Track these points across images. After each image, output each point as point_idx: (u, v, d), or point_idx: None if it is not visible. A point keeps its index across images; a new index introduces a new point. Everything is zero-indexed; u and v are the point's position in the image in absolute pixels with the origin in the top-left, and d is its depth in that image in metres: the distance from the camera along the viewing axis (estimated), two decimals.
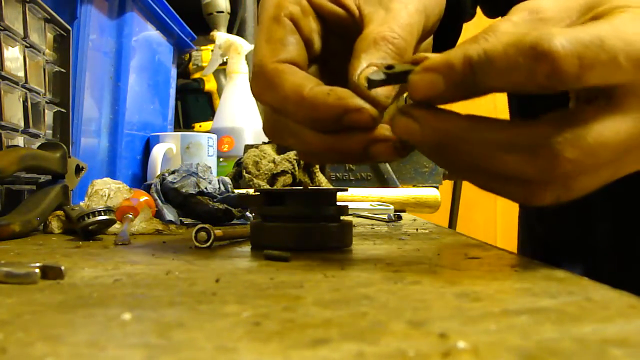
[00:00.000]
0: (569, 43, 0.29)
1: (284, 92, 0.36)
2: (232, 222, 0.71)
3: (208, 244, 0.45)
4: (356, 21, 0.40)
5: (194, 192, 0.69)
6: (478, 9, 0.61)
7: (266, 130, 0.41)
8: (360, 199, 1.03)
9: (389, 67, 0.35)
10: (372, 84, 0.35)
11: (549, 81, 0.29)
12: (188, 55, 1.63)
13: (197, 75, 1.71)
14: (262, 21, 0.40)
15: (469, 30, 0.52)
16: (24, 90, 0.66)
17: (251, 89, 0.39)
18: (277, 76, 0.37)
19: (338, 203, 0.45)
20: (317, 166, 1.25)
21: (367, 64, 0.36)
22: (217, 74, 1.63)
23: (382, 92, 0.36)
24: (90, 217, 0.51)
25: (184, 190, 0.69)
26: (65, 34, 0.76)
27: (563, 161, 0.29)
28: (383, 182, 1.29)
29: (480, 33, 0.32)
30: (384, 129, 0.36)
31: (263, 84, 0.37)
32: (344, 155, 0.37)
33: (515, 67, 0.29)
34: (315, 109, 0.35)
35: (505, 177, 0.32)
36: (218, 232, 0.46)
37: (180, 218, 0.70)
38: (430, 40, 0.46)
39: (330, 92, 0.35)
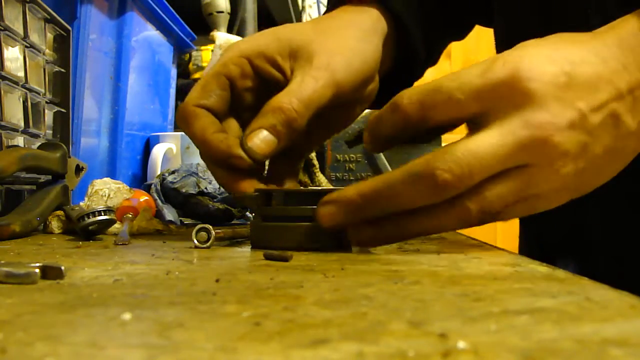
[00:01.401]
0: (413, 94, 0.38)
1: (194, 130, 0.47)
2: (232, 222, 0.71)
3: (208, 244, 0.45)
4: (287, 79, 0.48)
5: (194, 192, 0.69)
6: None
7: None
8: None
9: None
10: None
11: (404, 125, 0.39)
12: (188, 55, 1.63)
13: (197, 75, 1.71)
14: (207, 73, 0.51)
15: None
16: (24, 90, 0.66)
17: (177, 117, 0.50)
18: (191, 116, 0.47)
19: None
20: (317, 166, 1.25)
21: (258, 127, 0.45)
22: None
23: (259, 150, 0.45)
24: (90, 217, 0.51)
25: (184, 190, 0.69)
26: (65, 34, 0.76)
27: (440, 176, 0.36)
28: None
29: None
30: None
31: (181, 119, 0.48)
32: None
33: (382, 120, 0.41)
34: (210, 149, 0.46)
35: (419, 210, 0.38)
36: (218, 232, 0.46)
37: (180, 218, 0.70)
38: (375, 84, 0.53)
39: (223, 140, 0.46)
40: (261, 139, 0.45)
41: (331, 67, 0.47)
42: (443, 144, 0.42)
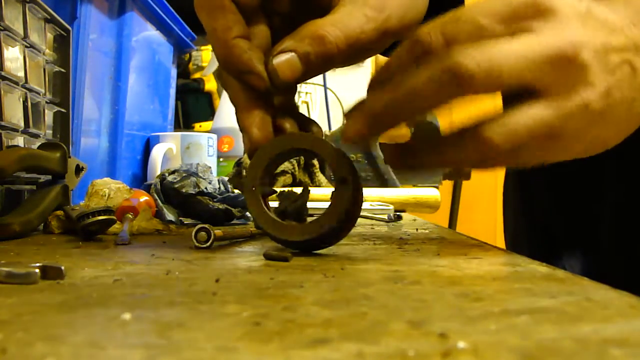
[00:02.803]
0: (432, 26, 0.36)
1: (215, 26, 0.40)
2: (232, 222, 0.71)
3: (208, 244, 0.45)
4: None
5: (194, 192, 0.69)
6: None
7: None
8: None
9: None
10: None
11: (426, 60, 0.35)
12: (188, 55, 1.63)
13: (197, 75, 1.71)
14: None
15: None
16: (24, 90, 0.66)
17: (196, 1, 0.42)
18: (217, 7, 0.40)
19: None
20: (317, 166, 1.25)
21: (290, 48, 0.39)
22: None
23: (282, 75, 0.40)
24: (90, 217, 0.51)
25: (184, 190, 0.69)
26: (65, 34, 0.76)
27: (462, 67, 0.34)
28: (383, 182, 1.29)
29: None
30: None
31: (204, 7, 0.41)
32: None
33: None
34: (230, 56, 0.40)
35: (445, 140, 0.37)
36: (218, 232, 0.46)
37: (180, 218, 0.70)
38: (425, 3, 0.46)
39: (247, 51, 0.40)
40: (289, 63, 0.39)
41: (386, 12, 0.41)
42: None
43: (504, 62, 0.34)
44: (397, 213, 0.81)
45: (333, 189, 0.40)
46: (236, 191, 0.73)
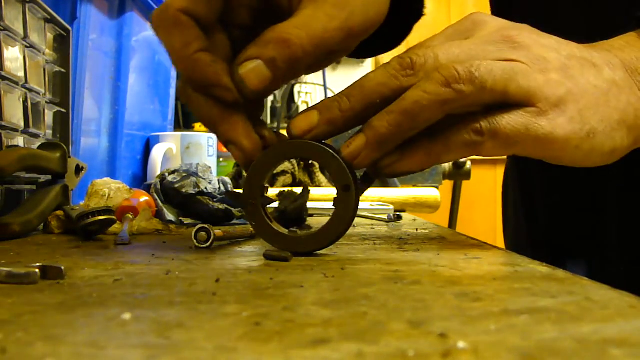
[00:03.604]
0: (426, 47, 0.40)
1: (174, 43, 0.39)
2: (232, 222, 0.71)
3: (208, 244, 0.45)
4: (291, 6, 0.41)
5: (194, 192, 0.69)
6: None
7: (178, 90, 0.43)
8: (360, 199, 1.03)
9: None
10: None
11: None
12: None
13: None
14: None
15: None
16: (24, 90, 0.66)
17: (152, 20, 0.40)
18: (173, 24, 0.39)
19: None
20: (317, 166, 1.25)
21: (255, 56, 0.38)
22: None
23: (250, 84, 0.38)
24: (90, 217, 0.51)
25: (184, 190, 0.70)
26: (65, 34, 0.76)
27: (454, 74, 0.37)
28: (383, 182, 1.29)
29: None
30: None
31: (160, 25, 0.39)
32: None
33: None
34: (193, 71, 0.39)
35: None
36: (218, 232, 0.46)
37: (180, 218, 0.70)
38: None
39: (211, 64, 0.39)
40: (255, 71, 0.38)
41: (348, 9, 0.40)
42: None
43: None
44: (397, 213, 0.81)
45: (335, 195, 0.40)
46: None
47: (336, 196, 0.40)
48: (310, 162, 1.22)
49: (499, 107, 0.38)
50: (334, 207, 0.40)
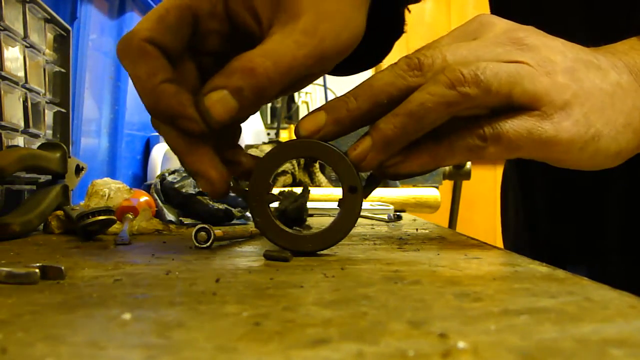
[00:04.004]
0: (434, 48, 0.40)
1: (138, 73, 0.38)
2: (232, 222, 0.71)
3: (208, 244, 0.45)
4: (262, 31, 0.41)
5: (194, 192, 0.69)
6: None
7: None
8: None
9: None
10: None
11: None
12: None
13: None
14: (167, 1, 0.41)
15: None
16: (24, 90, 0.66)
17: (117, 49, 0.40)
18: (138, 54, 0.38)
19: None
20: (317, 166, 1.25)
21: (221, 86, 0.37)
22: None
23: (216, 115, 0.38)
24: (90, 217, 0.51)
25: (184, 190, 0.70)
26: (65, 34, 0.76)
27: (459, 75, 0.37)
28: (383, 182, 1.29)
29: None
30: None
31: (124, 55, 0.39)
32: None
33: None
34: (157, 103, 0.38)
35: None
36: (218, 232, 0.46)
37: (180, 218, 0.70)
38: None
39: (175, 95, 0.38)
40: (221, 101, 0.37)
41: (319, 35, 0.39)
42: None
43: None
44: (397, 213, 0.81)
45: (340, 196, 0.40)
46: None
47: (342, 197, 0.40)
48: (311, 162, 1.22)
49: (504, 110, 0.38)
50: (339, 208, 0.41)
